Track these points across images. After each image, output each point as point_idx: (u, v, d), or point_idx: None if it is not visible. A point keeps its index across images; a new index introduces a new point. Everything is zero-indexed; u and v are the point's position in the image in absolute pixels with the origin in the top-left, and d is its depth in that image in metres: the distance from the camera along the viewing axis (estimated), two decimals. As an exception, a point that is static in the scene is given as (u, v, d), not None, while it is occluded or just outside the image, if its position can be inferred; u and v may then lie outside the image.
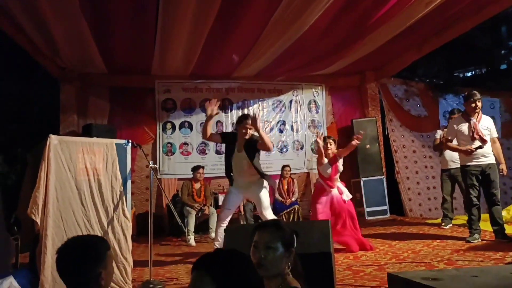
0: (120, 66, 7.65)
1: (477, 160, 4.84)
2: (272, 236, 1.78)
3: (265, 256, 1.73)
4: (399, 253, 4.53)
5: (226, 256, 1.24)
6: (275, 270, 1.74)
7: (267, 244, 1.75)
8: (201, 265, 1.20)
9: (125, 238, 3.50)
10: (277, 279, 1.74)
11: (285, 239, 1.79)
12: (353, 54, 7.59)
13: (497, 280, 2.59)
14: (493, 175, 4.83)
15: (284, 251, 1.76)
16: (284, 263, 1.76)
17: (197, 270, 1.20)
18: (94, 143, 3.47)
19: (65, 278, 1.55)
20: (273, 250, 1.74)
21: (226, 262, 1.21)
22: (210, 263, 1.21)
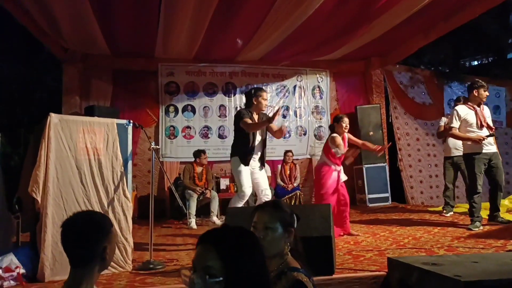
0: (123, 48, 7.59)
1: (485, 148, 4.88)
2: (271, 216, 1.77)
3: (264, 237, 1.72)
4: (400, 239, 4.52)
5: (234, 232, 1.21)
6: (274, 251, 1.73)
7: (266, 225, 1.75)
8: (208, 239, 1.18)
9: (126, 219, 3.50)
10: (277, 259, 1.73)
11: (284, 219, 1.78)
12: (359, 40, 7.49)
13: (497, 266, 2.58)
14: (498, 163, 4.92)
15: (283, 231, 1.75)
16: (283, 244, 1.75)
17: (203, 243, 1.17)
18: (95, 122, 3.45)
19: (70, 251, 1.54)
20: (272, 231, 1.74)
21: (234, 238, 1.18)
22: (217, 238, 1.18)
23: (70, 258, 1.53)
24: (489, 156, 4.89)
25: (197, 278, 1.11)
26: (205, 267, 1.12)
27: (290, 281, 1.60)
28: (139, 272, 3.42)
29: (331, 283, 2.97)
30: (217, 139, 8.37)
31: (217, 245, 1.14)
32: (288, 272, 1.64)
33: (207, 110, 8.41)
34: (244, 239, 1.20)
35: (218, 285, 1.10)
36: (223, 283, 1.10)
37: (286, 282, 1.61)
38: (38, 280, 3.15)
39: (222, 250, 1.13)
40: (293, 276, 1.62)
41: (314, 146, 8.85)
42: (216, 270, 1.11)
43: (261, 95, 4.41)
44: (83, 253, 1.51)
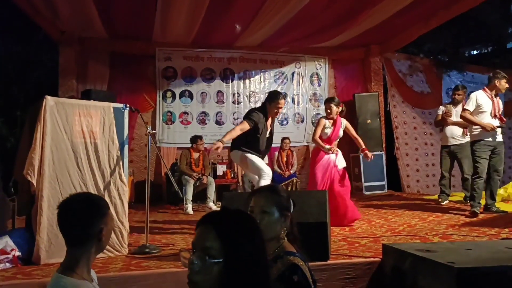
0: (121, 31, 7.51)
1: (493, 137, 5.01)
2: (267, 200, 1.77)
3: (261, 221, 1.71)
4: (395, 226, 4.55)
5: (234, 214, 1.21)
6: (270, 234, 1.72)
7: (262, 209, 1.74)
8: (208, 221, 1.17)
9: (122, 203, 3.49)
10: (273, 243, 1.74)
11: (281, 203, 1.78)
12: (358, 26, 7.43)
13: (491, 254, 2.60)
14: (502, 152, 5.06)
15: (280, 215, 1.75)
16: (279, 228, 1.75)
17: (203, 225, 1.17)
18: (91, 105, 3.42)
19: (66, 232, 1.55)
20: (268, 215, 1.73)
21: (233, 220, 1.18)
22: (217, 219, 1.18)
23: (67, 238, 1.53)
24: (495, 144, 5.02)
25: (196, 259, 1.11)
26: (204, 248, 1.12)
27: (286, 265, 1.61)
28: (134, 256, 3.43)
29: (326, 268, 3.00)
30: (214, 125, 8.35)
31: (216, 226, 1.14)
32: (284, 256, 1.65)
33: (204, 96, 8.37)
34: (243, 221, 1.20)
35: (217, 266, 1.10)
36: (222, 264, 1.10)
37: (282, 265, 1.61)
38: (33, 263, 3.15)
39: (222, 231, 1.13)
40: (289, 259, 1.62)
41: (311, 133, 8.79)
42: (215, 251, 1.10)
43: (275, 102, 4.37)
44: (80, 234, 1.51)
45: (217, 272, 1.10)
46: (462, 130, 5.85)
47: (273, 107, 4.38)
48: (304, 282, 1.58)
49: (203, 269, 1.10)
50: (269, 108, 4.40)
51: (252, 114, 4.33)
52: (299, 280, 1.56)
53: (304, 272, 1.59)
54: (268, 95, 4.57)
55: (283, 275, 1.57)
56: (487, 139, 5.00)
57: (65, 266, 1.51)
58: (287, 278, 1.55)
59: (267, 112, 4.41)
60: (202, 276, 1.11)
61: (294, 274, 1.57)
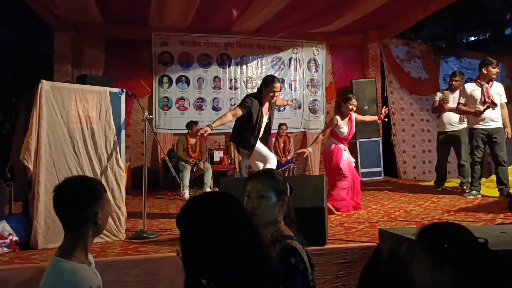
0: (116, 15, 7.41)
1: (485, 124, 5.14)
2: (264, 185, 1.77)
3: (258, 205, 1.72)
4: (391, 212, 4.58)
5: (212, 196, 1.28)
6: (268, 219, 1.74)
7: (259, 193, 1.75)
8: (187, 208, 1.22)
9: (119, 188, 3.49)
10: (270, 227, 1.75)
11: (278, 188, 1.78)
12: (357, 11, 7.36)
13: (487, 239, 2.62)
14: (499, 138, 5.13)
15: (277, 199, 1.76)
16: (277, 212, 1.76)
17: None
18: (87, 90, 3.39)
19: (62, 215, 1.55)
20: (266, 199, 1.74)
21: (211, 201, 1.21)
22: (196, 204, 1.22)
23: (63, 222, 1.53)
24: (489, 131, 5.13)
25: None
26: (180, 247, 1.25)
27: (284, 248, 1.62)
28: (132, 241, 3.44)
29: (323, 253, 3.02)
30: (211, 111, 8.31)
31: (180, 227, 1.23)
32: (282, 240, 1.66)
33: (201, 82, 8.32)
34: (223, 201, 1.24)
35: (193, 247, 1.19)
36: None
37: (280, 248, 1.62)
38: (31, 248, 3.16)
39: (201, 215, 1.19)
40: (286, 243, 1.64)
41: (308, 119, 8.83)
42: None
43: (270, 86, 4.32)
44: (75, 217, 1.51)
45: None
46: (459, 117, 5.86)
47: (268, 92, 4.32)
48: (302, 265, 1.59)
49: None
50: (264, 92, 4.36)
51: (246, 100, 4.32)
52: (296, 263, 1.57)
53: (301, 255, 1.61)
54: (263, 79, 4.53)
55: (281, 257, 1.57)
56: (480, 126, 5.17)
57: (63, 250, 1.51)
58: (285, 261, 1.56)
59: (263, 97, 4.37)
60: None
61: (291, 256, 1.58)
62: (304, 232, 3.00)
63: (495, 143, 5.15)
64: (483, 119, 5.14)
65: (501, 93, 5.25)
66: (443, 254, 1.24)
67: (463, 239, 1.28)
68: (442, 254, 1.24)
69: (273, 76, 4.73)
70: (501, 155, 5.12)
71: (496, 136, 5.13)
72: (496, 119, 5.16)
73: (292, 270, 1.55)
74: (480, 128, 5.18)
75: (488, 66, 5.18)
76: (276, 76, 4.74)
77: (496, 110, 5.15)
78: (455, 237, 1.29)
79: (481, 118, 5.15)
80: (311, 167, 8.52)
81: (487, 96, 5.11)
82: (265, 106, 4.41)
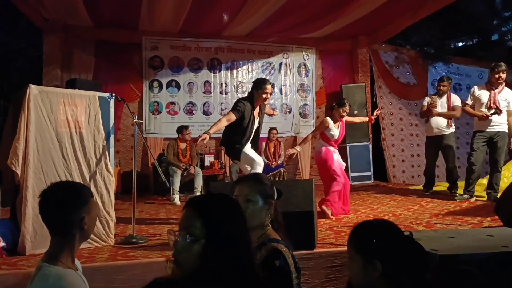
0: (106, 19, 7.39)
1: (489, 128, 5.17)
2: (251, 189, 1.78)
3: (245, 209, 1.71)
4: (380, 216, 4.61)
5: (217, 197, 1.28)
6: (255, 223, 1.74)
7: (246, 197, 1.76)
8: (192, 203, 1.24)
9: (108, 193, 3.47)
10: (258, 231, 1.76)
11: (265, 191, 1.80)
12: (347, 17, 7.43)
13: (473, 241, 2.66)
14: (500, 143, 5.15)
15: (264, 203, 1.77)
16: (264, 215, 1.77)
17: (187, 206, 1.24)
18: (76, 95, 3.38)
19: (48, 220, 1.55)
20: (253, 203, 1.75)
21: (216, 202, 1.25)
22: (200, 201, 1.25)
23: (49, 227, 1.52)
24: (491, 135, 5.16)
25: (179, 237, 1.17)
26: (187, 227, 1.18)
27: (269, 251, 1.63)
28: (121, 246, 3.42)
29: (312, 257, 3.03)
30: (202, 115, 8.31)
31: (199, 207, 1.21)
32: (268, 243, 1.67)
33: (191, 86, 8.32)
34: (225, 203, 1.26)
35: (198, 245, 1.15)
36: (203, 242, 1.15)
37: (266, 251, 1.63)
38: (19, 253, 3.12)
39: (203, 211, 1.19)
40: (272, 246, 1.65)
41: (299, 124, 8.87)
42: (197, 230, 1.16)
43: (262, 88, 4.31)
44: (61, 222, 1.50)
45: (197, 250, 1.15)
46: (447, 121, 5.92)
47: (260, 94, 4.31)
48: (286, 268, 1.60)
49: (185, 248, 1.16)
50: (256, 96, 4.34)
51: (238, 105, 4.29)
52: (280, 266, 1.58)
53: (286, 258, 1.62)
54: (254, 82, 4.51)
55: (266, 260, 1.59)
56: (482, 130, 5.19)
57: (50, 255, 1.51)
58: (269, 263, 1.57)
59: (254, 101, 4.36)
60: (185, 254, 1.16)
61: (276, 259, 1.59)
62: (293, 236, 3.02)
63: (495, 147, 5.16)
64: (488, 123, 5.16)
65: (510, 100, 5.21)
66: (372, 250, 1.37)
67: (390, 234, 1.42)
68: (372, 250, 1.37)
69: (264, 78, 4.78)
70: (499, 160, 5.16)
71: (498, 140, 5.14)
72: (499, 123, 5.17)
73: (277, 273, 1.56)
74: (485, 131, 5.19)
75: (493, 71, 5.20)
76: (266, 79, 4.76)
77: (502, 116, 5.14)
78: (382, 233, 1.42)
79: (486, 122, 5.16)
80: (302, 171, 8.55)
81: (493, 102, 5.11)
82: (256, 109, 4.41)
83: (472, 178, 5.27)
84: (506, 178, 5.86)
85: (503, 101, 5.17)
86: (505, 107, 5.19)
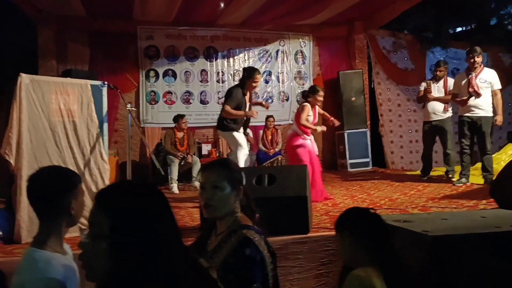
0: (100, 9, 7.32)
1: (470, 112, 5.23)
2: (218, 175, 1.71)
3: (212, 196, 1.67)
4: (377, 200, 4.63)
5: (126, 186, 1.14)
6: (224, 210, 1.69)
7: (213, 184, 1.69)
8: (96, 196, 1.10)
9: (103, 181, 3.49)
10: (227, 218, 1.71)
11: (232, 177, 1.73)
12: (342, 2, 7.36)
13: (466, 222, 2.66)
14: (484, 127, 5.18)
15: (232, 189, 1.70)
16: (232, 202, 1.71)
17: (95, 200, 1.10)
18: (68, 83, 3.37)
19: (35, 205, 1.55)
20: (220, 189, 1.68)
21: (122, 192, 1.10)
22: (104, 194, 1.11)
23: (36, 212, 1.53)
24: (474, 119, 5.20)
25: (85, 236, 1.07)
26: (91, 223, 1.07)
27: (238, 239, 1.59)
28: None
29: (307, 241, 3.05)
30: (199, 104, 8.29)
31: (102, 200, 1.08)
32: (239, 230, 1.62)
33: (188, 75, 8.28)
34: (135, 193, 1.10)
35: (105, 242, 1.02)
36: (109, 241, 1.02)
37: (235, 239, 1.59)
38: (15, 242, 3.14)
39: (106, 205, 1.06)
40: (242, 233, 1.60)
41: (296, 111, 8.83)
42: (101, 227, 1.03)
43: (253, 78, 4.71)
44: (48, 206, 1.50)
45: (103, 251, 1.01)
46: (443, 106, 5.90)
47: (251, 82, 4.70)
48: (257, 255, 1.55)
49: (89, 248, 1.04)
50: (247, 83, 4.73)
51: (232, 95, 4.69)
52: (250, 254, 1.53)
53: (257, 245, 1.57)
54: (246, 71, 4.86)
55: (235, 249, 1.55)
56: (466, 114, 5.27)
57: (37, 240, 1.51)
58: (239, 252, 1.53)
59: (246, 88, 4.75)
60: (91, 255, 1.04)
61: (246, 247, 1.55)
62: (287, 220, 3.04)
63: (479, 132, 5.22)
64: (469, 107, 5.21)
65: (492, 81, 5.23)
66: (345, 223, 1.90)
67: (364, 212, 1.94)
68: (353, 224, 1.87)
69: (254, 68, 5.12)
70: (486, 144, 5.19)
71: (482, 124, 5.18)
72: (483, 107, 5.19)
73: (248, 261, 1.52)
74: (465, 116, 5.27)
75: (467, 56, 5.29)
76: (256, 68, 5.13)
77: (482, 98, 5.15)
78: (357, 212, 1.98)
79: (467, 107, 5.23)
80: (300, 159, 8.55)
81: (470, 86, 5.15)
82: (246, 96, 4.75)
83: (465, 161, 5.35)
84: (504, 162, 5.87)
85: (482, 83, 5.18)
86: (487, 88, 5.21)
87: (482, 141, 5.23)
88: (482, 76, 5.23)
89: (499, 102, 5.27)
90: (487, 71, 5.29)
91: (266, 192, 3.11)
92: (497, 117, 5.25)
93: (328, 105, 8.98)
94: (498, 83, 5.28)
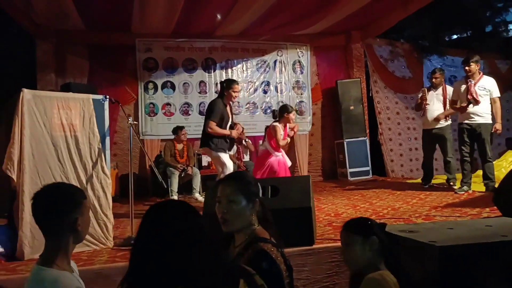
0: (98, 22, 7.35)
1: (469, 120, 5.27)
2: (233, 189, 1.72)
3: (228, 210, 1.68)
4: (379, 210, 4.61)
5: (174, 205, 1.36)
6: (240, 224, 1.70)
7: (228, 198, 1.70)
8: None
9: (105, 195, 3.46)
10: (245, 232, 1.71)
11: (247, 190, 1.74)
12: (339, 12, 7.42)
13: (471, 232, 2.65)
14: (484, 134, 5.21)
15: (247, 202, 1.71)
16: (248, 215, 1.72)
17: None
18: (70, 98, 3.36)
19: (41, 223, 1.53)
20: (236, 203, 1.69)
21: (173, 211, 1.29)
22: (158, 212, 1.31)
23: (42, 230, 1.51)
24: (473, 126, 5.24)
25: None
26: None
27: (255, 252, 1.59)
28: (120, 248, 3.41)
29: (312, 252, 3.03)
30: (198, 115, 8.28)
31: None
32: (256, 243, 1.63)
33: (187, 87, 8.30)
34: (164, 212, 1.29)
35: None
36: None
37: (252, 252, 1.59)
38: (17, 259, 3.11)
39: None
40: (259, 246, 1.60)
41: (295, 121, 8.83)
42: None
43: (232, 88, 4.72)
44: (55, 224, 1.49)
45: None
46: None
47: (230, 93, 4.71)
48: (274, 269, 1.55)
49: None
50: (227, 95, 4.73)
51: (214, 108, 4.69)
52: (266, 267, 1.53)
53: (274, 258, 1.57)
54: (224, 82, 4.90)
55: (252, 262, 1.54)
56: (462, 121, 5.34)
57: (44, 258, 1.50)
58: (256, 266, 1.53)
59: (225, 99, 4.77)
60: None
61: (263, 261, 1.55)
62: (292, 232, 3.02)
63: (479, 139, 5.24)
64: (468, 114, 5.26)
65: (491, 89, 5.28)
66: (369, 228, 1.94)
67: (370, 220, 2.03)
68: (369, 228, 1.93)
69: (232, 79, 5.41)
70: (487, 151, 5.21)
71: (481, 131, 5.21)
72: (481, 114, 5.23)
73: (265, 274, 1.51)
74: (465, 123, 5.31)
75: (464, 64, 5.36)
76: (235, 79, 5.32)
77: (481, 106, 5.19)
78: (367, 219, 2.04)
79: (466, 114, 5.27)
80: (300, 168, 8.53)
81: (469, 93, 5.19)
82: (227, 107, 4.77)
83: (466, 169, 5.35)
84: (504, 169, 5.88)
85: (481, 90, 5.23)
86: (486, 95, 5.26)
87: (482, 148, 5.25)
88: (481, 83, 5.28)
89: (498, 110, 5.30)
90: (486, 79, 5.34)
91: (269, 204, 3.08)
92: (496, 125, 5.28)
93: (327, 114, 9.06)
94: (497, 91, 5.33)
